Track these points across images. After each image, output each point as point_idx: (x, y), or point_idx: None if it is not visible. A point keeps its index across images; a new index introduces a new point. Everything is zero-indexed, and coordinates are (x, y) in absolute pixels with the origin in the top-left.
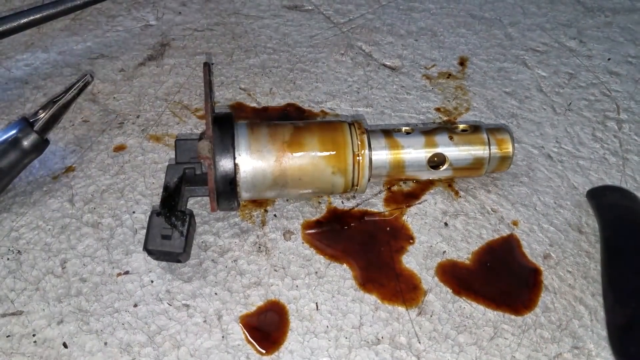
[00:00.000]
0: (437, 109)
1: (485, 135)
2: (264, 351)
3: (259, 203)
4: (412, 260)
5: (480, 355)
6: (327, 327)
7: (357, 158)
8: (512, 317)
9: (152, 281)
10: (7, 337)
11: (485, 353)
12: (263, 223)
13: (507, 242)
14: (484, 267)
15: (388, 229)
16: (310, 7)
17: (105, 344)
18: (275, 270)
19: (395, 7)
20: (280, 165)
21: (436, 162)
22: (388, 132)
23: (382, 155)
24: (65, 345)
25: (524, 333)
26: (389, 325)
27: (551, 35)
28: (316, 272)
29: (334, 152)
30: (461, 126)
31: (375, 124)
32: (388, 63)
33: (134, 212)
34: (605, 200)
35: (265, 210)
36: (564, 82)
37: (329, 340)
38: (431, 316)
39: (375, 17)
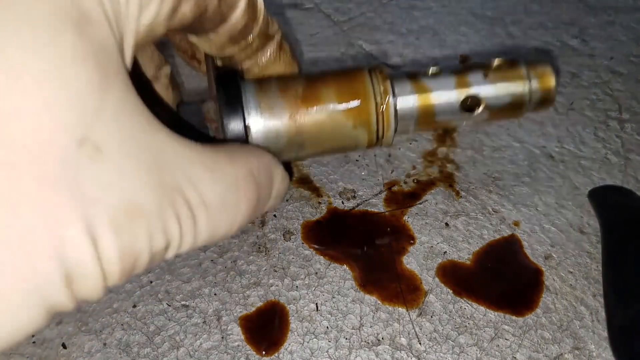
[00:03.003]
0: None
1: (524, 70)
2: (263, 352)
3: None
4: (413, 261)
5: (481, 356)
6: (327, 327)
7: (381, 108)
8: (513, 317)
9: (151, 282)
10: None
11: (486, 354)
12: (263, 223)
13: (509, 242)
14: (485, 267)
15: (388, 229)
16: (310, 6)
17: (104, 344)
18: (275, 271)
19: (396, 5)
20: (295, 123)
21: (470, 104)
22: (414, 76)
23: (408, 102)
24: (64, 346)
25: (524, 334)
26: (390, 326)
27: (553, 34)
28: (316, 273)
29: (354, 104)
30: (495, 61)
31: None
32: (389, 62)
33: None
34: (607, 201)
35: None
36: (566, 81)
37: (329, 341)
38: (432, 317)
39: (376, 16)
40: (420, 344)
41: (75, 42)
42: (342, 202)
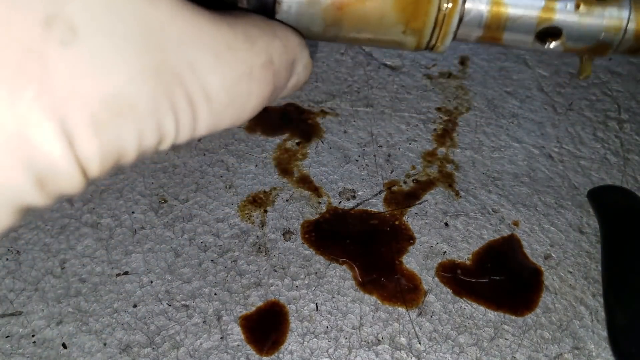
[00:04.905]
0: (438, 109)
1: (625, 10)
2: (263, 351)
3: (259, 204)
4: (413, 261)
5: (480, 356)
6: (327, 327)
7: (443, 10)
8: (513, 317)
9: (151, 281)
10: (7, 337)
11: (485, 354)
12: (263, 223)
13: (508, 242)
14: (484, 267)
15: (388, 229)
16: None
17: (105, 344)
18: (275, 271)
19: None
20: (335, 11)
21: (549, 32)
22: None
23: (479, 7)
24: (64, 346)
25: (524, 334)
26: (389, 326)
27: None
28: (316, 273)
29: (412, 6)
30: None
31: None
32: (388, 62)
33: (133, 212)
34: (607, 201)
35: (265, 211)
36: (565, 81)
37: (329, 341)
38: (431, 317)
39: None
40: (420, 343)
41: None
42: (341, 202)
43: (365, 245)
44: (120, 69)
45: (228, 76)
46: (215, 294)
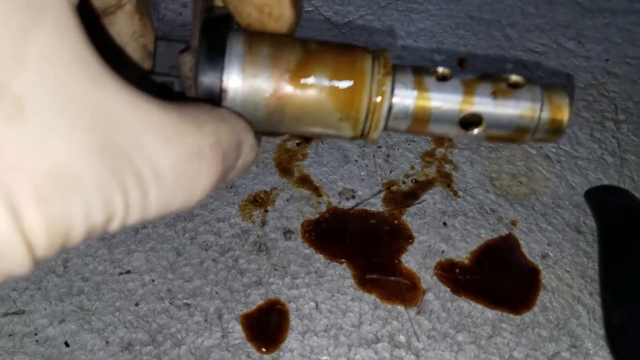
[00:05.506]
0: None
1: (538, 99)
2: (264, 349)
3: (260, 203)
4: (412, 260)
5: (478, 354)
6: (327, 325)
7: (374, 101)
8: (511, 316)
9: (153, 280)
10: (10, 336)
11: (483, 351)
12: (263, 223)
13: (506, 241)
14: (482, 266)
15: (387, 228)
16: (310, 9)
17: (107, 342)
18: (276, 270)
19: (395, 8)
20: (277, 100)
21: (470, 121)
22: (419, 72)
23: (405, 102)
24: (67, 344)
25: (522, 332)
26: (388, 324)
27: (550, 36)
28: (316, 272)
29: (346, 98)
30: (512, 78)
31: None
32: None
33: None
34: (604, 200)
35: (266, 211)
36: (563, 83)
37: (329, 339)
38: (430, 315)
39: (375, 19)
40: (418, 341)
41: None
42: (341, 202)
43: (365, 244)
44: (66, 144)
45: (178, 156)
46: (216, 293)
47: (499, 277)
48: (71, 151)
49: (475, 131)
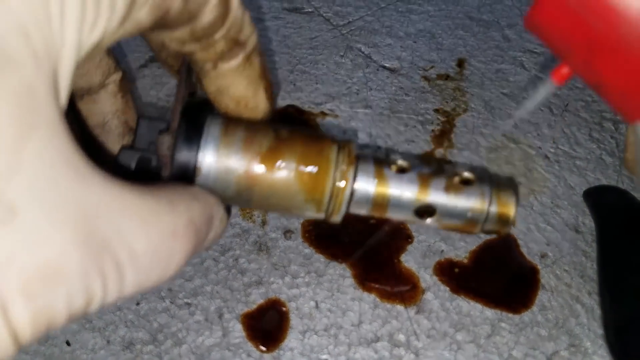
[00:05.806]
0: (436, 110)
1: (487, 195)
2: (264, 349)
3: None
4: (411, 259)
5: (477, 353)
6: (327, 325)
7: (337, 186)
8: (510, 315)
9: None
10: None
11: (482, 351)
12: (264, 222)
13: (505, 241)
14: (481, 266)
15: (387, 228)
16: (310, 10)
17: (108, 341)
18: (276, 269)
19: (394, 9)
20: (247, 180)
21: (424, 211)
22: (380, 164)
23: (366, 190)
24: (68, 343)
25: (521, 331)
26: (388, 323)
27: None
28: (316, 271)
29: (312, 181)
30: (464, 174)
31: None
32: (387, 65)
33: None
34: (602, 200)
35: (266, 210)
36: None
37: (329, 338)
38: (429, 314)
39: (374, 19)
40: (418, 340)
41: None
42: None
43: (364, 244)
44: (54, 242)
45: (153, 237)
46: (217, 292)
47: (498, 277)
48: (60, 247)
49: (429, 220)
